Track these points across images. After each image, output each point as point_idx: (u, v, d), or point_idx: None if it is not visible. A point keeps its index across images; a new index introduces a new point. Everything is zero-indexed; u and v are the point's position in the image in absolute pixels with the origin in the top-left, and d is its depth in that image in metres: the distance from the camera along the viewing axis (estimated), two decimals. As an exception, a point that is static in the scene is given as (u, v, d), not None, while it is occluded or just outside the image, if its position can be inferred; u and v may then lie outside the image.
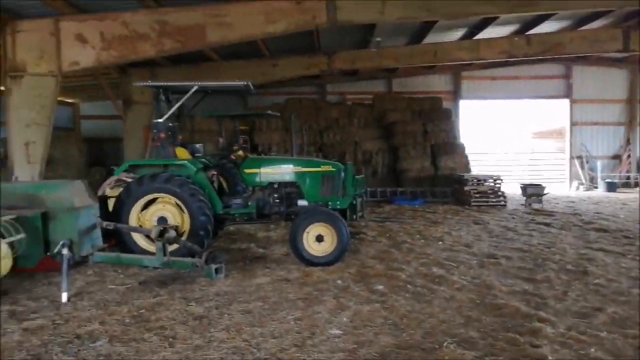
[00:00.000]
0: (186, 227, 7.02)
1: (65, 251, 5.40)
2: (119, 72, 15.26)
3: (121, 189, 7.17)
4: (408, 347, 4.10)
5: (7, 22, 10.07)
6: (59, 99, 19.50)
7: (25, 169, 10.30)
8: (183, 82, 7.60)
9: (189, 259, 5.58)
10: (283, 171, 7.69)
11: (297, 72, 16.43)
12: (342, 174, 7.55)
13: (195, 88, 7.61)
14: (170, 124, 7.97)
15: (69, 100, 20.39)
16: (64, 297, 5.33)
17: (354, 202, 7.74)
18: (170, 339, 4.24)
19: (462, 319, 4.76)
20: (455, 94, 20.29)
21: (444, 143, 16.84)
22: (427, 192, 15.55)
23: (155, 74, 14.97)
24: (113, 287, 5.91)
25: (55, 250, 5.43)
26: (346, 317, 4.78)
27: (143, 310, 5.01)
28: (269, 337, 4.29)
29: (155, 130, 7.44)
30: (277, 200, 7.69)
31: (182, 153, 7.88)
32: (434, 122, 17.11)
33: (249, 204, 7.64)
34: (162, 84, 7.59)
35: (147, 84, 7.70)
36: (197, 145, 8.50)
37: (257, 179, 7.69)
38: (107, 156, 18.40)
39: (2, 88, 10.66)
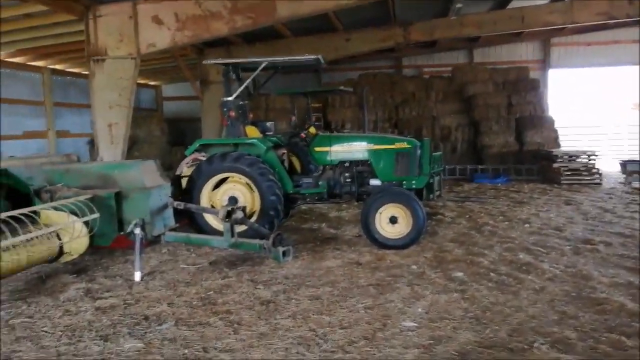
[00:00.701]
0: (256, 206, 6.91)
1: (137, 231, 5.44)
2: (196, 53, 15.52)
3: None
4: (491, 346, 3.65)
5: (89, 7, 10.42)
6: (144, 81, 20.47)
7: (109, 149, 10.76)
8: (253, 59, 7.39)
9: (256, 241, 5.43)
10: (354, 149, 7.31)
11: (371, 46, 15.84)
12: (419, 151, 7.05)
13: (264, 64, 7.39)
14: (241, 102, 7.84)
15: (152, 83, 21.20)
16: (137, 276, 5.38)
17: (431, 181, 7.23)
18: (235, 325, 4.10)
19: (556, 315, 4.20)
20: (544, 63, 18.68)
21: (530, 116, 15.60)
22: (510, 170, 14.53)
23: (230, 53, 15.06)
24: (184, 266, 5.91)
25: (128, 229, 5.49)
26: (421, 308, 4.40)
27: (211, 292, 4.92)
28: (337, 327, 4.01)
29: (225, 109, 7.34)
30: (349, 180, 7.35)
31: (252, 132, 7.74)
32: (520, 94, 15.89)
33: (320, 183, 7.38)
34: (231, 60, 7.45)
35: (216, 61, 7.58)
36: (268, 124, 8.34)
37: (328, 158, 7.38)
38: (187, 136, 18.99)
39: (87, 72, 11.12)
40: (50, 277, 5.54)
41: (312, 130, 8.90)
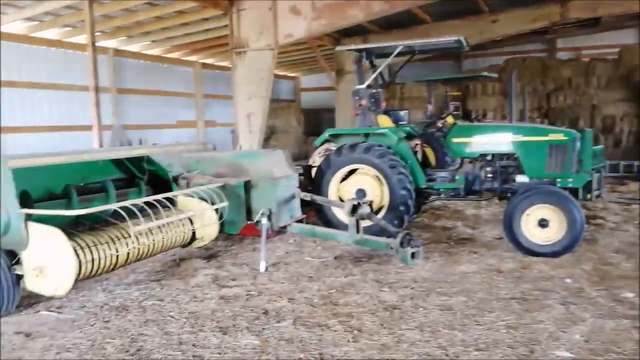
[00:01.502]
0: (385, 200, 6.50)
1: (264, 220, 5.39)
2: (332, 44, 15.51)
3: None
4: (680, 398, 2.82)
5: (233, 2, 10.85)
6: (283, 73, 21.18)
7: (247, 138, 11.17)
8: (386, 43, 6.95)
9: (383, 239, 5.03)
10: (498, 140, 6.47)
11: (520, 28, 14.33)
12: (577, 144, 6.01)
13: (399, 48, 6.92)
14: (374, 91, 7.47)
15: (291, 74, 21.85)
16: (262, 266, 5.33)
17: (590, 179, 6.14)
18: (356, 331, 3.75)
19: None
20: None
21: None
22: (692, 168, 12.13)
23: (366, 42, 14.75)
24: (309, 259, 5.74)
25: (255, 219, 5.47)
26: (579, 334, 3.63)
27: (333, 291, 4.65)
28: (472, 348, 3.45)
29: (356, 98, 7.03)
30: (490, 175, 6.55)
31: (384, 121, 7.33)
32: None
33: (456, 178, 6.71)
34: (363, 46, 7.09)
35: (349, 47, 7.27)
36: (402, 113, 7.84)
37: (467, 150, 6.65)
38: (323, 126, 19.21)
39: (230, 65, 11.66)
40: (184, 260, 5.75)
41: (450, 119, 8.22)
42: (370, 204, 5.03)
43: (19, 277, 4.16)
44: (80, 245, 4.21)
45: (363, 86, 6.97)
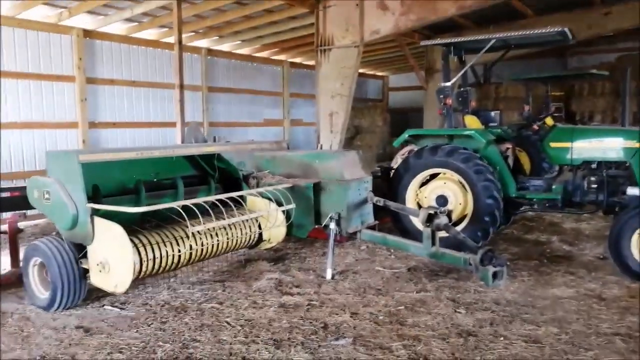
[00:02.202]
0: (469, 209, 5.91)
1: (332, 225, 5.08)
2: (423, 41, 14.85)
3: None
4: None
5: (320, -1, 10.69)
6: (371, 72, 20.78)
7: (328, 138, 10.95)
8: (477, 37, 6.32)
9: (461, 255, 4.48)
10: (607, 146, 5.62)
11: (636, 21, 12.74)
12: None
13: (492, 42, 6.26)
14: (462, 89, 6.89)
15: (380, 74, 21.39)
16: (328, 273, 5.02)
17: None
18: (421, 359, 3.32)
19: None
20: None
21: None
22: None
23: (460, 38, 13.92)
24: (380, 269, 5.34)
25: (323, 223, 5.17)
26: None
27: (402, 308, 4.22)
28: (560, 394, 2.89)
29: (441, 96, 6.48)
30: (595, 185, 5.70)
31: (472, 122, 6.71)
32: None
33: (553, 187, 5.94)
34: (451, 40, 6.50)
35: (436, 42, 6.72)
36: (492, 113, 7.16)
37: (567, 156, 5.86)
38: (410, 126, 18.55)
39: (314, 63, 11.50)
40: (250, 262, 5.60)
41: (549, 121, 7.38)
42: (449, 214, 4.52)
43: (86, 271, 4.20)
44: (143, 242, 4.16)
45: (449, 83, 6.42)
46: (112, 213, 4.09)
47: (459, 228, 5.93)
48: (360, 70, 20.50)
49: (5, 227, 5.36)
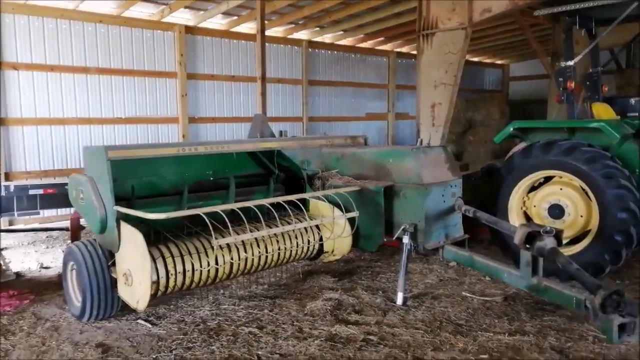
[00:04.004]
0: (594, 224, 4.56)
1: (406, 239, 4.13)
2: (551, 22, 12.90)
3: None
4: None
5: (426, -22, 9.58)
6: (490, 60, 18.89)
7: (429, 132, 9.83)
8: (610, 0, 4.87)
9: (574, 293, 3.19)
10: None
11: None
12: None
13: (632, 7, 4.79)
14: (592, 71, 5.49)
15: (499, 62, 19.44)
16: (399, 298, 4.09)
17: None
18: None
19: None
20: None
21: None
22: None
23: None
24: (467, 295, 4.27)
25: (395, 235, 4.25)
26: None
27: (485, 357, 3.17)
28: None
29: (560, 79, 5.16)
30: None
31: (603, 111, 5.29)
32: None
33: None
34: (575, 6, 5.10)
35: (555, 10, 5.30)
36: (632, 100, 5.61)
37: None
38: (532, 119, 16.46)
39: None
40: (313, 274, 4.85)
41: None
42: (558, 234, 3.30)
43: (115, 281, 3.77)
44: (172, 253, 3.62)
45: (571, 62, 5.09)
46: (139, 219, 3.57)
47: (579, 247, 4.62)
48: (477, 59, 18.74)
49: (67, 224, 5.23)
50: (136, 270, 3.44)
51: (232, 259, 3.82)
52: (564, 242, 4.79)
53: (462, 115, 16.22)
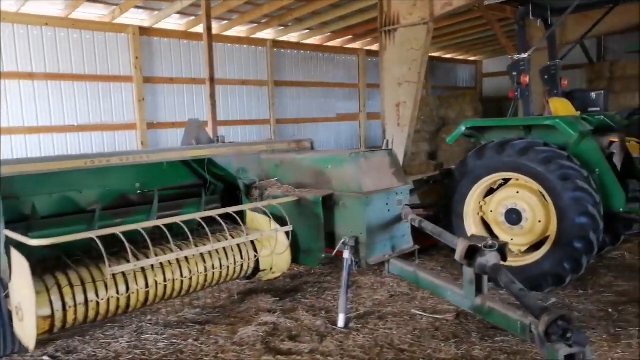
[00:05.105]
0: (551, 230, 4.22)
1: (346, 254, 3.74)
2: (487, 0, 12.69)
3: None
4: None
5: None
6: (462, 57, 18.67)
7: (395, 132, 9.49)
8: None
9: (515, 316, 2.81)
10: None
11: None
12: None
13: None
14: (550, 64, 5.20)
15: (472, 58, 19.24)
16: (340, 320, 3.70)
17: None
18: None
19: None
20: None
21: None
22: None
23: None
24: (417, 313, 3.90)
25: (335, 249, 3.85)
26: None
27: (424, 390, 2.80)
28: None
29: (514, 73, 4.84)
30: None
31: (561, 106, 4.99)
32: None
33: (685, 199, 4.06)
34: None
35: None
36: (593, 94, 5.34)
37: None
38: (505, 116, 16.25)
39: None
40: (252, 294, 4.43)
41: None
42: (502, 248, 2.93)
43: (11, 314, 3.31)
44: (72, 282, 3.17)
45: (525, 55, 4.77)
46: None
47: (537, 255, 4.28)
48: (449, 55, 18.49)
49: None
50: (24, 303, 2.99)
51: (138, 285, 3.37)
52: (523, 249, 4.50)
53: (435, 114, 15.94)
